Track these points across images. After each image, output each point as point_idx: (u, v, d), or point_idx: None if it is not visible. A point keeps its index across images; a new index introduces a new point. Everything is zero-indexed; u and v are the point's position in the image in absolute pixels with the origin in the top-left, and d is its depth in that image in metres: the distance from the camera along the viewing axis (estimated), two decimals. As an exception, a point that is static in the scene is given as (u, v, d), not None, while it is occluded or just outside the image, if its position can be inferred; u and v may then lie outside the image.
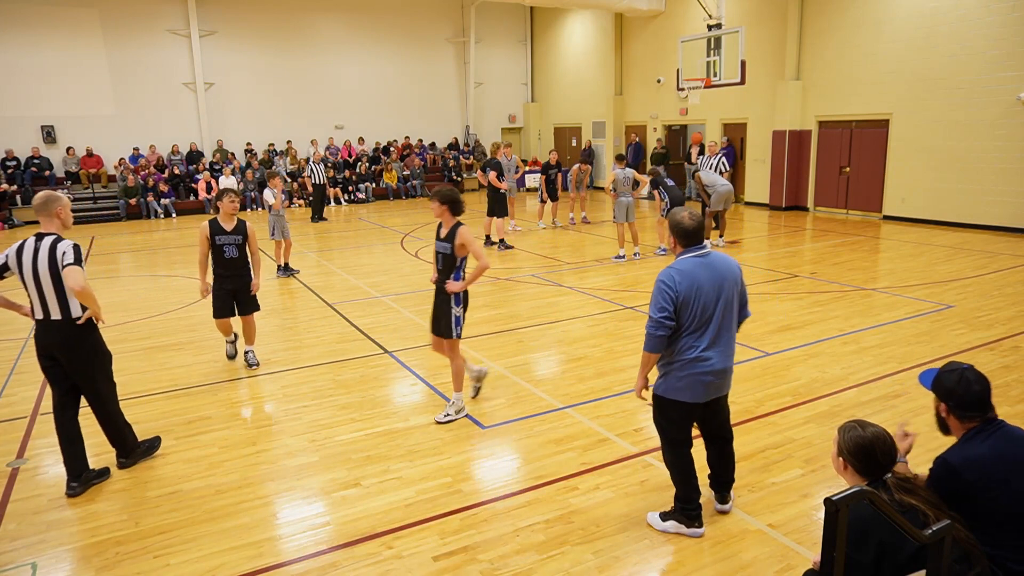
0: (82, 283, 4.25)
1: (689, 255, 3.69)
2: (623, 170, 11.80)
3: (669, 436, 3.88)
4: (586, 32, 23.39)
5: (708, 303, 3.61)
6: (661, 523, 3.95)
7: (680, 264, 3.67)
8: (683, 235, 3.72)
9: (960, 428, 2.78)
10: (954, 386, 2.77)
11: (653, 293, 3.65)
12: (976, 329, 7.50)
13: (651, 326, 3.61)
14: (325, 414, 5.71)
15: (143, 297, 10.12)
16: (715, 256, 3.72)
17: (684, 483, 3.88)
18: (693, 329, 3.63)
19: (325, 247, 14.04)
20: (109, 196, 19.50)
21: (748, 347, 7.07)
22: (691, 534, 3.87)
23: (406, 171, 23.00)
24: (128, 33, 19.97)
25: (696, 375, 3.65)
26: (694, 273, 3.62)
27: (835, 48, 15.88)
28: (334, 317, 8.70)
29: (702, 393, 3.71)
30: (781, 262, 11.34)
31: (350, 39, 23.07)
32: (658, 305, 3.60)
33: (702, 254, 3.69)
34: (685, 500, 3.90)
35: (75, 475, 4.52)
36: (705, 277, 3.62)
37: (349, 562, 3.74)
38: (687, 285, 3.58)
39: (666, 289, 3.59)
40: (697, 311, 3.60)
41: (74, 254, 4.35)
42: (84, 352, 4.50)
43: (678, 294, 3.58)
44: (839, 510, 2.14)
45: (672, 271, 3.64)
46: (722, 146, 18.68)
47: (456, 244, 5.27)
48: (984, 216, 13.69)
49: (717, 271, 3.66)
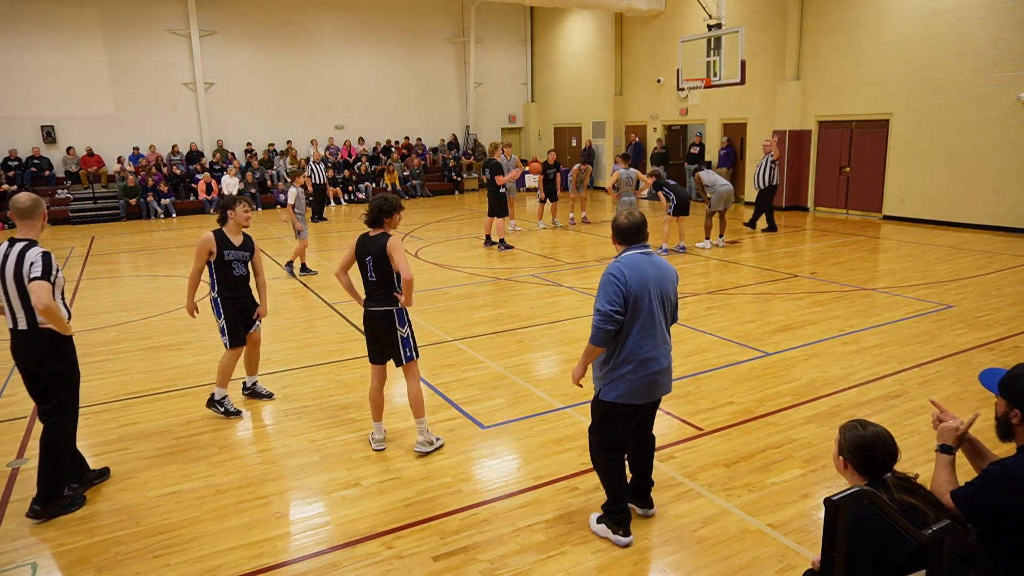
0: (46, 300, 3.90)
1: (634, 251, 3.67)
2: (626, 170, 11.79)
3: (608, 439, 3.81)
4: (586, 32, 23.38)
5: (653, 300, 3.60)
6: (595, 524, 3.94)
7: (626, 258, 3.63)
8: (621, 234, 3.69)
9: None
10: None
11: (601, 285, 3.61)
12: (976, 329, 7.49)
13: (599, 320, 3.54)
14: (325, 414, 5.71)
15: (143, 297, 10.12)
16: (657, 257, 3.71)
17: (613, 487, 3.84)
18: (640, 326, 3.58)
19: (325, 247, 14.04)
20: (109, 196, 19.49)
21: (748, 347, 7.07)
22: (616, 541, 3.80)
23: (406, 171, 23.00)
24: (128, 33, 19.96)
25: (648, 375, 3.64)
26: (642, 268, 3.59)
27: (835, 48, 15.88)
28: (334, 317, 8.69)
29: (651, 394, 3.72)
30: (781, 262, 11.34)
31: (350, 39, 23.06)
32: (607, 298, 3.53)
33: (647, 252, 3.68)
34: (614, 504, 3.84)
35: (75, 477, 4.51)
36: (652, 274, 3.61)
37: (349, 562, 3.74)
38: (636, 279, 3.55)
39: (615, 282, 3.54)
40: (643, 307, 3.57)
41: (43, 266, 3.96)
42: (49, 363, 4.18)
43: (628, 287, 3.53)
44: (839, 510, 2.14)
45: (620, 264, 3.59)
46: (722, 146, 18.71)
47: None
48: (984, 216, 13.69)
49: (660, 270, 3.67)
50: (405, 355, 4.83)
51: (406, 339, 4.81)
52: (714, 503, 4.20)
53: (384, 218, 4.84)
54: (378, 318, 4.78)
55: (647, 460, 4.04)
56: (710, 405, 5.67)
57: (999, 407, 2.60)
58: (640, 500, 4.08)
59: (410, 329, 4.86)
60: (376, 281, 4.75)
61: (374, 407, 5.04)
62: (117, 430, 5.52)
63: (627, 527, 3.83)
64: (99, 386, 6.49)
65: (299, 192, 10.65)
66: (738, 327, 7.77)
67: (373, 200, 4.91)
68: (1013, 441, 2.59)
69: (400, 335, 4.80)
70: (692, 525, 4.00)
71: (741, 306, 8.69)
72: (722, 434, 5.14)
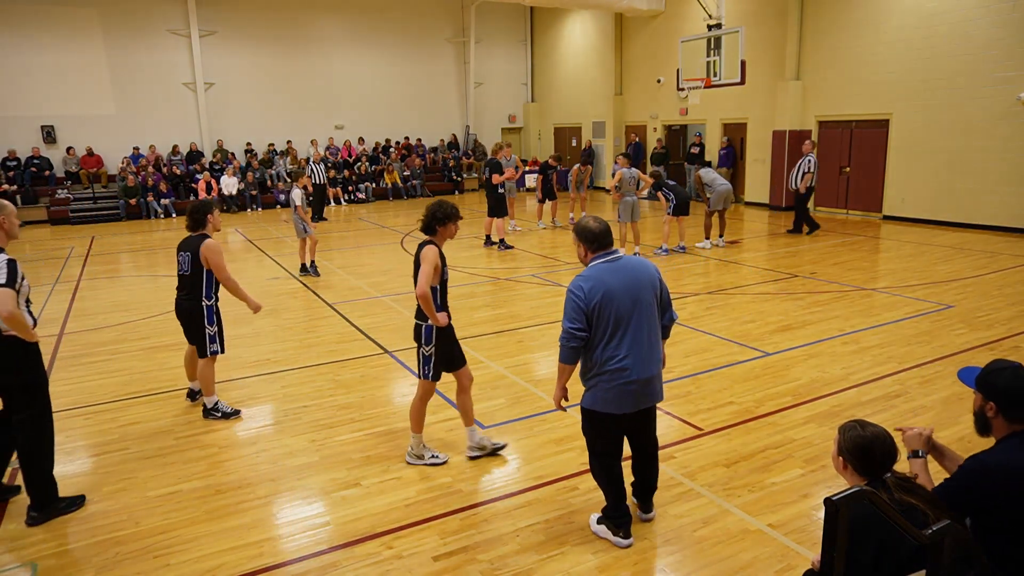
0: (10, 307, 3.79)
1: (598, 261, 3.61)
2: (629, 170, 11.80)
3: (596, 448, 3.80)
4: (586, 32, 23.38)
5: (622, 310, 3.50)
6: (595, 525, 3.92)
7: (588, 272, 3.58)
8: (590, 240, 3.63)
9: (1005, 430, 2.63)
10: (1008, 384, 2.59)
11: (564, 304, 3.59)
12: (976, 329, 7.49)
13: (563, 337, 3.53)
14: (325, 414, 5.71)
15: (143, 297, 10.12)
16: (627, 260, 3.63)
17: (609, 493, 3.82)
18: (610, 338, 3.52)
19: (325, 247, 14.03)
20: (109, 196, 19.50)
21: (748, 347, 7.07)
22: (616, 543, 3.79)
23: (406, 171, 23.00)
24: (128, 33, 19.97)
25: (620, 386, 3.55)
26: (603, 279, 3.52)
27: (835, 48, 15.88)
28: (334, 317, 8.70)
29: (629, 403, 3.61)
30: (781, 262, 11.34)
31: (350, 39, 23.07)
32: (569, 316, 3.52)
33: (611, 259, 3.59)
34: (613, 507, 3.82)
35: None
36: (616, 283, 3.51)
37: (349, 562, 3.74)
38: (598, 293, 3.49)
39: (575, 299, 3.51)
40: (610, 318, 3.49)
41: (7, 273, 3.87)
42: (17, 372, 4.08)
43: (588, 303, 3.49)
44: (839, 510, 2.14)
45: (580, 280, 3.55)
46: (722, 146, 18.71)
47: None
48: (984, 216, 13.69)
49: (630, 276, 3.55)
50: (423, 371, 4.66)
51: (427, 357, 4.62)
52: (714, 503, 4.20)
53: (437, 226, 4.48)
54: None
55: (648, 467, 3.97)
56: (710, 405, 5.67)
57: (976, 402, 2.72)
58: (641, 501, 4.06)
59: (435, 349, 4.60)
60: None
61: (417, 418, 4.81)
62: (117, 430, 5.52)
63: (627, 529, 3.82)
64: (99, 386, 6.49)
65: (301, 193, 10.64)
66: (738, 327, 7.77)
67: (430, 205, 4.56)
68: (991, 435, 2.69)
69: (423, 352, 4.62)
70: (692, 525, 4.00)
71: (741, 306, 8.69)
72: (722, 434, 5.14)
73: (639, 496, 4.05)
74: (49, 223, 18.44)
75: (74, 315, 9.14)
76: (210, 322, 5.57)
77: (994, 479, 2.52)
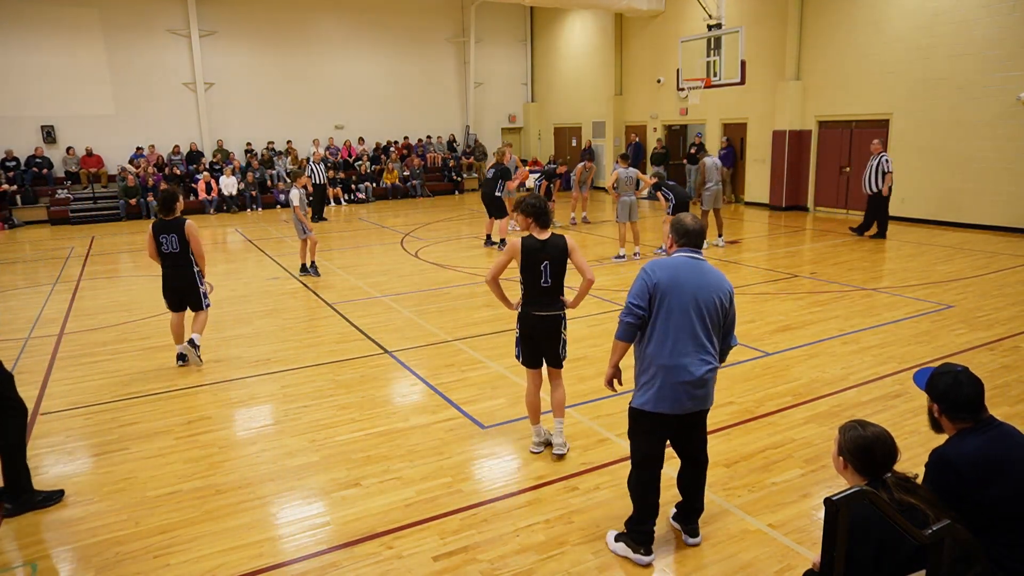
0: None
1: (681, 254, 3.60)
2: (626, 170, 11.80)
3: (639, 451, 3.66)
4: (586, 32, 23.38)
5: (687, 305, 3.44)
6: (613, 543, 3.77)
7: (667, 260, 3.58)
8: (682, 234, 3.60)
9: (952, 428, 2.81)
10: (947, 388, 2.79)
11: (633, 281, 3.59)
12: (976, 329, 7.50)
13: (623, 312, 3.54)
14: (325, 414, 5.71)
15: (143, 297, 10.11)
16: (707, 266, 3.56)
17: (642, 503, 3.67)
18: (666, 329, 3.45)
19: (325, 247, 14.01)
20: (109, 196, 19.49)
21: (748, 347, 7.07)
22: (637, 560, 3.64)
23: (406, 171, 23.00)
24: (128, 33, 19.96)
25: (675, 384, 3.45)
26: (678, 270, 3.50)
27: (835, 48, 15.88)
28: (334, 317, 8.70)
29: (679, 403, 3.48)
30: (781, 262, 11.34)
31: (350, 39, 23.06)
32: (632, 292, 3.53)
33: (694, 256, 3.57)
34: (638, 521, 3.68)
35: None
36: (688, 279, 3.47)
37: (349, 562, 3.74)
38: (667, 278, 3.47)
39: (643, 277, 3.53)
40: (674, 309, 3.44)
41: None
42: None
43: (655, 285, 3.47)
44: (839, 510, 2.14)
45: (655, 263, 3.55)
46: (722, 146, 18.71)
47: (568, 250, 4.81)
48: (984, 216, 13.69)
49: (704, 278, 3.50)
50: (563, 355, 4.87)
51: (565, 341, 4.86)
52: (714, 503, 4.20)
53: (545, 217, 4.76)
54: (551, 321, 4.79)
55: (695, 481, 3.78)
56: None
57: (928, 403, 2.90)
58: (685, 523, 3.87)
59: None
60: (551, 287, 4.77)
61: (532, 411, 4.95)
62: (117, 430, 5.52)
63: (649, 546, 3.65)
64: (99, 386, 6.49)
65: (301, 193, 10.64)
66: (738, 327, 7.72)
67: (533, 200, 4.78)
68: (943, 433, 2.88)
69: (563, 337, 4.84)
70: (692, 525, 3.99)
71: (741, 306, 8.68)
72: (722, 434, 5.14)
73: (685, 519, 3.87)
74: (49, 223, 18.42)
75: (74, 315, 9.14)
76: (200, 283, 6.84)
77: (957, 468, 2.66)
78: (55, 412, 5.92)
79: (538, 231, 4.74)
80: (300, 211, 10.52)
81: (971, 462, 2.64)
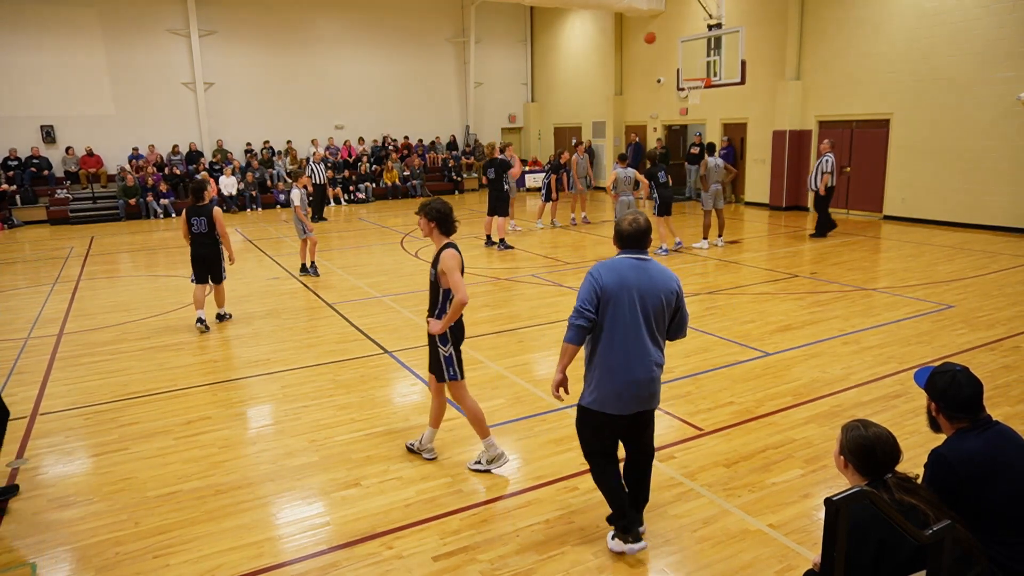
0: None
1: (625, 255, 3.60)
2: (624, 170, 11.79)
3: (590, 448, 3.75)
4: (586, 32, 23.38)
5: (635, 307, 3.48)
6: (611, 542, 3.79)
7: (612, 261, 3.59)
8: (619, 238, 3.62)
9: (950, 428, 2.83)
10: (946, 387, 2.82)
11: (580, 285, 3.60)
12: (976, 329, 7.49)
13: (571, 316, 3.55)
14: (325, 414, 5.70)
15: (143, 297, 10.11)
16: (652, 265, 3.59)
17: (607, 489, 3.74)
18: (614, 332, 3.50)
19: (325, 247, 14.02)
20: (109, 196, 19.49)
21: (748, 347, 7.07)
22: (630, 550, 3.69)
23: (406, 171, 23.00)
24: (128, 33, 19.96)
25: (623, 384, 3.52)
26: (624, 272, 3.52)
27: (835, 48, 15.88)
28: (334, 317, 8.69)
29: (628, 405, 3.57)
30: (781, 262, 11.34)
31: (350, 39, 23.06)
32: (580, 296, 3.54)
33: (640, 258, 3.59)
34: (616, 511, 3.74)
35: None
36: (635, 280, 3.50)
37: (349, 562, 3.74)
38: (615, 281, 3.49)
39: (590, 280, 3.53)
40: (624, 311, 3.48)
41: None
42: None
43: (603, 288, 3.49)
44: (839, 510, 2.13)
45: (601, 266, 3.57)
46: (722, 146, 18.70)
47: (438, 270, 4.46)
48: (984, 216, 13.68)
49: (651, 279, 3.53)
50: (435, 371, 4.63)
51: (448, 357, 4.56)
52: (714, 503, 4.20)
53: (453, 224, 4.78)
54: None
55: (640, 474, 3.83)
56: (710, 405, 5.67)
57: (927, 401, 2.94)
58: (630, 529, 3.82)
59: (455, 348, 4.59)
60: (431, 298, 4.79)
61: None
62: (117, 430, 5.51)
63: (636, 532, 3.71)
64: (99, 386, 6.49)
65: (301, 193, 10.63)
66: (738, 327, 7.77)
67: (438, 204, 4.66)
68: (941, 432, 2.91)
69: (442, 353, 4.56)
70: (692, 525, 4.00)
71: (741, 306, 8.68)
72: (722, 434, 5.14)
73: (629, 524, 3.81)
74: (49, 223, 18.41)
75: (74, 315, 9.14)
76: (221, 258, 8.21)
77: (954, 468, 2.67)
78: (55, 412, 5.92)
79: (439, 238, 4.54)
80: (301, 211, 10.52)
81: (969, 462, 2.65)
